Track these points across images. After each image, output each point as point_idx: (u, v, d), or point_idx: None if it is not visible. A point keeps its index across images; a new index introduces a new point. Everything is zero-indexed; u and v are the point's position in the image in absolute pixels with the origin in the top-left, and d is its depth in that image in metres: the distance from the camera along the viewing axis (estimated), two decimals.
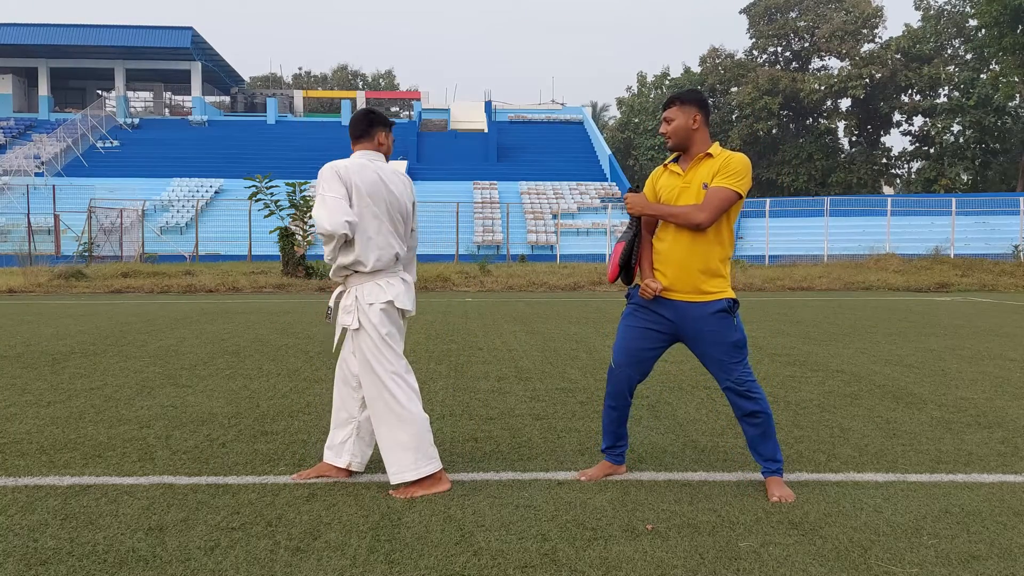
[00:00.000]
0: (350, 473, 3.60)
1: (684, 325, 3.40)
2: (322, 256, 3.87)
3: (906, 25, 49.71)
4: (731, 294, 3.40)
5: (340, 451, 3.59)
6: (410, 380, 3.51)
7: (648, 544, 2.83)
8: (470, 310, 11.95)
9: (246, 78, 60.58)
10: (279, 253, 19.50)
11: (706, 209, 3.27)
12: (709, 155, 3.37)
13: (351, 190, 3.41)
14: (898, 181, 55.24)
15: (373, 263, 3.45)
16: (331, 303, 3.59)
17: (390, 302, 3.48)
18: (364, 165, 3.48)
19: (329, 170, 3.43)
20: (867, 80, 48.64)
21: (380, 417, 3.42)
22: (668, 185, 3.44)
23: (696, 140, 3.39)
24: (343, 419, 3.62)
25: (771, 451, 3.39)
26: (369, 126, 3.57)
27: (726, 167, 3.31)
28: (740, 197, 3.31)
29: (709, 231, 3.34)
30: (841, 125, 52.94)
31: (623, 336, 3.53)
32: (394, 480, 3.37)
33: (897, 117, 51.68)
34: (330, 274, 3.56)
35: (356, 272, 3.49)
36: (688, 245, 3.35)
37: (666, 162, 3.54)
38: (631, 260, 3.49)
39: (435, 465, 3.40)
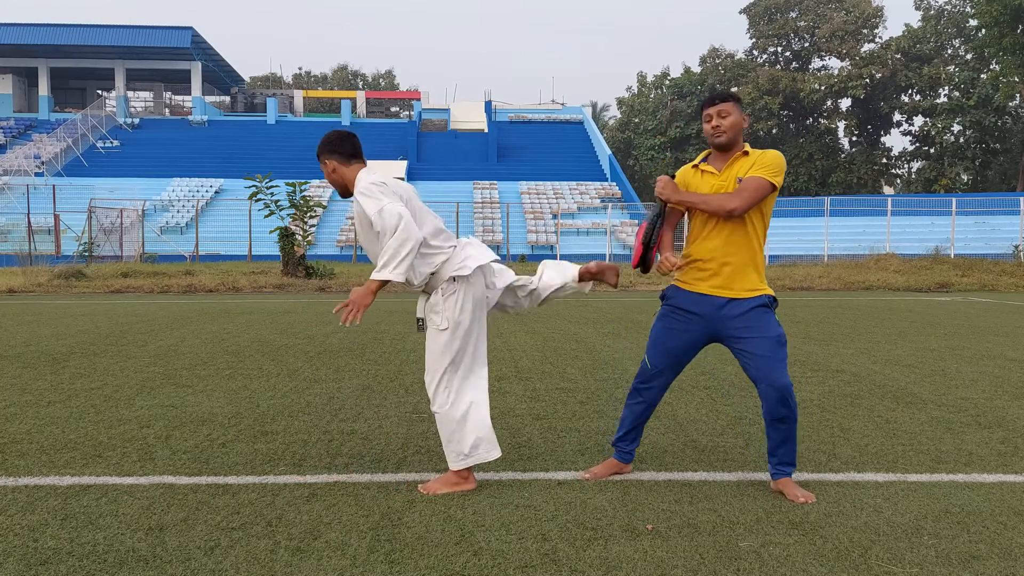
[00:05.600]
0: None
1: (724, 323, 3.33)
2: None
3: (906, 25, 49.74)
4: (770, 291, 3.37)
5: None
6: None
7: (648, 544, 2.83)
8: None
9: (246, 78, 60.57)
10: (279, 253, 19.49)
11: (739, 196, 3.23)
12: (745, 153, 3.35)
13: (402, 198, 3.37)
14: (898, 181, 55.25)
15: (445, 253, 3.44)
16: (419, 313, 3.49)
17: (466, 275, 3.41)
18: (388, 178, 3.46)
19: (373, 181, 3.35)
20: (867, 80, 48.65)
21: (435, 409, 3.43)
22: (702, 185, 3.38)
23: (740, 140, 3.37)
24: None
25: (792, 455, 3.36)
26: (358, 148, 3.53)
27: (761, 160, 3.30)
28: (774, 189, 3.28)
29: (747, 225, 3.30)
30: (841, 125, 52.96)
31: (660, 337, 3.47)
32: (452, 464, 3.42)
33: (897, 117, 51.70)
34: (416, 285, 3.44)
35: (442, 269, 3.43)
36: (726, 240, 3.31)
37: (695, 163, 3.46)
38: (651, 242, 3.39)
39: (460, 465, 3.42)
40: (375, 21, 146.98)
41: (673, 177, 3.45)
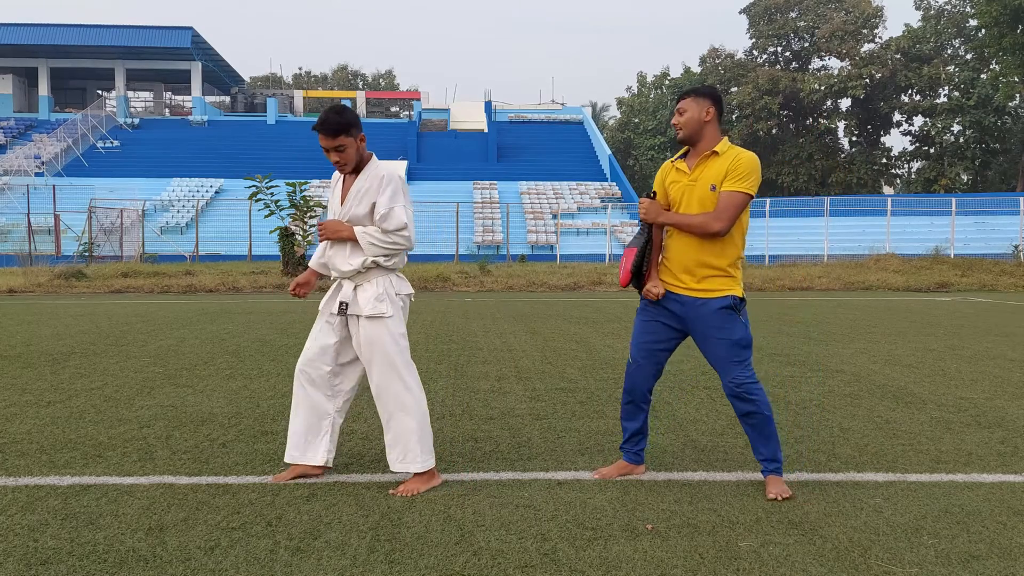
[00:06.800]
0: (324, 470, 3.61)
1: (690, 321, 3.42)
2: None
3: (906, 25, 49.75)
4: (738, 292, 3.39)
5: (316, 449, 3.57)
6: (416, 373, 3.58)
7: (648, 544, 2.83)
8: (470, 310, 11.95)
9: (246, 78, 60.55)
10: (279, 253, 19.50)
11: (722, 217, 3.27)
12: (715, 153, 3.35)
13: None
14: (898, 181, 55.26)
15: (405, 259, 3.61)
16: (344, 298, 3.51)
17: (410, 294, 3.63)
18: None
19: (401, 180, 3.48)
20: (867, 80, 48.65)
21: (393, 408, 3.45)
22: (675, 182, 3.45)
23: (706, 135, 3.38)
24: (315, 420, 3.59)
25: (771, 451, 3.39)
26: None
27: (735, 169, 3.29)
28: (751, 198, 3.32)
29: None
30: (841, 125, 52.98)
31: (637, 331, 3.58)
32: (399, 468, 3.43)
33: (897, 117, 51.72)
34: (341, 270, 3.50)
35: (380, 266, 3.50)
36: (696, 243, 3.36)
37: (673, 159, 3.53)
38: (643, 266, 3.49)
39: (433, 460, 3.47)
40: (375, 21, 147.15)
41: (653, 197, 3.49)
